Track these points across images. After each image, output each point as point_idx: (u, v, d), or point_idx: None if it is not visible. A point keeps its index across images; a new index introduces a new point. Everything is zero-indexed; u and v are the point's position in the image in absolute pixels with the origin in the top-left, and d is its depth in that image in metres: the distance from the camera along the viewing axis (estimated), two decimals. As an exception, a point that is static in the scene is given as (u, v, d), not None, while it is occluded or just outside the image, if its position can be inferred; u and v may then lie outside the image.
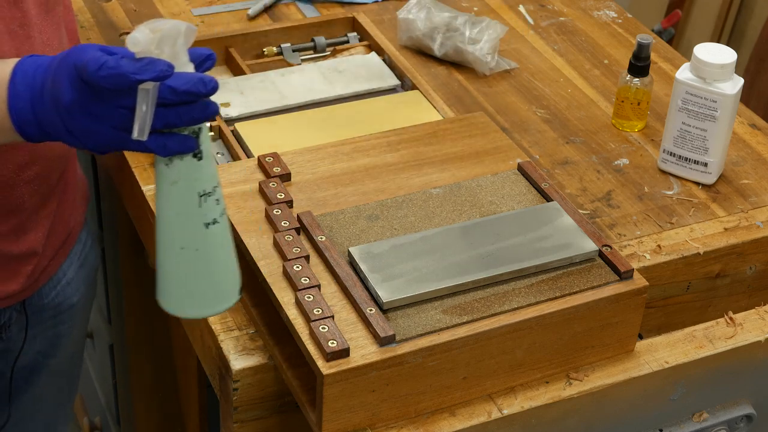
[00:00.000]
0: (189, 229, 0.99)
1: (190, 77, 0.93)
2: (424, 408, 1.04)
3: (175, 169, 0.97)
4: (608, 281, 1.08)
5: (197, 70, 0.95)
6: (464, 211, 1.15)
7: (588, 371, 1.09)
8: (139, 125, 0.93)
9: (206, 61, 0.96)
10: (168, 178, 0.97)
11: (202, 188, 0.98)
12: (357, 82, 1.43)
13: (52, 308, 1.36)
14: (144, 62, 0.92)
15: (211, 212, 0.99)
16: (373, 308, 1.02)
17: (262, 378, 1.10)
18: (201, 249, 1.00)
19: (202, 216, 0.99)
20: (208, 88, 0.93)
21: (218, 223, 1.00)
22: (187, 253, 1.00)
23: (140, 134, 0.94)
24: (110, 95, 0.94)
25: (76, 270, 1.39)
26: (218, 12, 1.65)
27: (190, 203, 0.98)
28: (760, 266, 1.33)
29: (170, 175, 0.97)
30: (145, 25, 0.92)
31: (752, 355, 1.15)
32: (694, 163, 1.35)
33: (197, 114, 0.95)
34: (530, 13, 1.69)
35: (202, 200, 0.99)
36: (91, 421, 2.07)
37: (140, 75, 0.91)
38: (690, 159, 1.35)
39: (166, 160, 0.96)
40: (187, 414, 1.58)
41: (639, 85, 1.43)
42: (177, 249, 1.00)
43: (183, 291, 1.02)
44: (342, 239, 1.11)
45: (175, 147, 0.95)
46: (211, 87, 0.93)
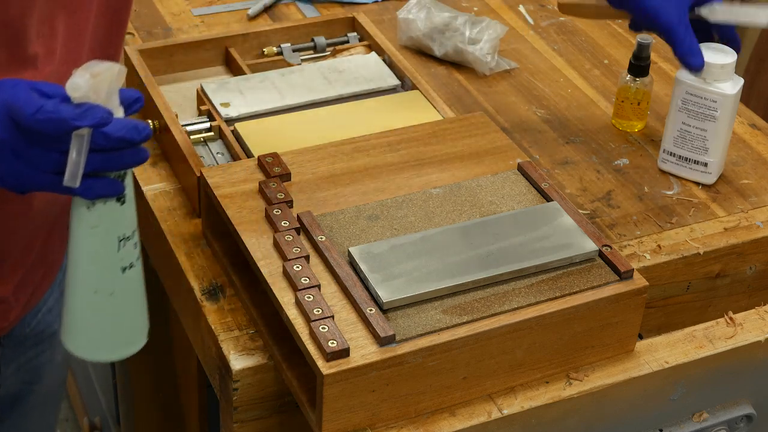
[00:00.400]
0: (105, 273, 0.98)
1: (124, 124, 0.92)
2: (424, 408, 1.04)
3: (96, 212, 0.96)
4: (608, 281, 1.08)
5: (126, 113, 0.94)
6: (464, 211, 1.15)
7: (588, 371, 1.09)
8: (72, 171, 0.92)
9: (135, 104, 0.95)
10: (88, 221, 0.96)
11: (122, 232, 0.98)
12: (357, 82, 1.43)
13: (33, 336, 1.33)
14: (83, 108, 0.90)
15: (128, 256, 0.99)
16: (373, 308, 1.02)
17: (262, 378, 1.10)
18: (115, 293, 0.99)
19: (119, 260, 0.98)
20: (141, 136, 0.92)
21: (134, 267, 1.00)
22: (100, 296, 0.99)
23: (72, 181, 0.92)
24: (44, 139, 0.92)
25: (57, 297, 1.35)
26: (218, 12, 1.65)
27: (109, 247, 0.97)
28: (760, 266, 1.33)
29: (90, 218, 0.96)
30: (85, 69, 0.91)
31: (752, 355, 1.15)
32: (694, 163, 1.35)
33: (128, 160, 0.94)
34: (530, 13, 1.69)
35: (121, 244, 0.98)
36: (91, 421, 2.07)
37: (79, 121, 0.90)
38: (690, 159, 1.35)
39: (88, 203, 0.95)
40: (187, 414, 1.58)
41: (639, 85, 1.43)
42: (90, 292, 0.99)
43: (92, 334, 1.01)
44: (342, 239, 1.11)
45: (101, 191, 0.94)
46: (145, 135, 0.92)
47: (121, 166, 0.94)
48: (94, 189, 0.93)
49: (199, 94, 1.40)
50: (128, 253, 0.99)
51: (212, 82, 1.41)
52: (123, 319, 1.02)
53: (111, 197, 0.95)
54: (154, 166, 1.34)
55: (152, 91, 1.36)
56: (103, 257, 0.98)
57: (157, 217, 1.27)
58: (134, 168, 0.96)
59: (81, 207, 0.95)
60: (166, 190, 1.31)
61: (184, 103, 1.43)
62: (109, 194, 0.95)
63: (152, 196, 1.30)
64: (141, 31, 1.59)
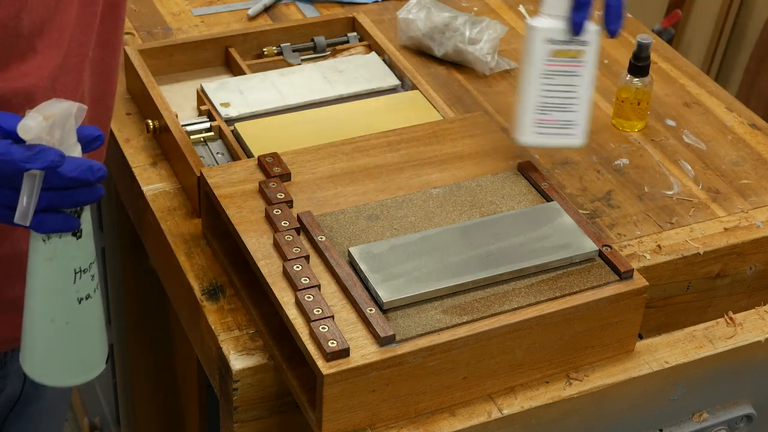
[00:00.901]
0: (61, 303, 0.99)
1: (79, 164, 0.93)
2: (424, 408, 1.04)
3: (51, 245, 0.96)
4: (608, 281, 1.08)
5: (84, 150, 0.94)
6: (464, 211, 1.15)
7: (588, 371, 1.09)
8: (23, 210, 0.92)
9: (94, 142, 0.96)
10: (44, 253, 0.97)
11: (78, 265, 0.98)
12: (357, 82, 1.43)
13: None
14: (35, 150, 0.91)
15: (84, 288, 0.99)
16: (373, 308, 1.02)
17: (262, 378, 1.10)
18: (71, 323, 1.00)
19: (75, 292, 0.99)
20: (96, 176, 0.93)
21: (91, 298, 1.00)
22: (57, 325, 0.99)
23: (23, 219, 0.92)
24: None
25: None
26: (218, 12, 1.65)
27: (65, 279, 0.98)
28: (760, 266, 1.33)
29: (47, 251, 0.96)
30: (38, 111, 0.91)
31: (752, 355, 1.15)
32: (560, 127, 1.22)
33: (83, 198, 0.95)
34: (530, 13, 1.69)
35: (77, 276, 0.98)
36: (91, 421, 2.07)
37: (30, 164, 0.91)
38: (558, 121, 1.21)
39: (43, 236, 0.96)
40: (187, 414, 1.58)
41: (639, 85, 1.43)
42: (47, 321, 0.99)
43: (50, 361, 1.02)
44: (342, 239, 1.11)
45: (55, 226, 0.94)
46: (99, 176, 0.93)
47: (74, 203, 0.95)
48: (47, 224, 0.94)
49: (199, 94, 1.40)
50: (85, 284, 0.99)
51: (212, 82, 1.41)
52: (80, 347, 1.03)
53: (65, 232, 0.96)
54: (154, 166, 1.34)
55: (152, 91, 1.36)
56: (58, 288, 0.98)
57: (157, 217, 1.27)
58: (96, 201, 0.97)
59: (37, 239, 0.96)
60: (166, 190, 1.31)
61: (184, 103, 1.43)
62: (63, 230, 0.95)
63: (152, 196, 1.30)
64: (141, 31, 1.59)
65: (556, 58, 1.16)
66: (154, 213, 1.28)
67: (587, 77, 1.17)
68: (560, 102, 1.18)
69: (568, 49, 1.16)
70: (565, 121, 1.18)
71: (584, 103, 1.18)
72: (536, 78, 1.17)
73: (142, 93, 1.39)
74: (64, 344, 1.01)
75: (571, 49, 1.16)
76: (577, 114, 1.19)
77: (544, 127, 1.19)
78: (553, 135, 1.19)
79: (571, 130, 1.19)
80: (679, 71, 1.58)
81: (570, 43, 1.16)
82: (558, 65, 1.16)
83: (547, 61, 1.16)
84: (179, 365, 1.57)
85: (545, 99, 1.18)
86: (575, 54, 1.16)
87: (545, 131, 1.19)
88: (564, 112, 1.18)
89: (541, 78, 1.17)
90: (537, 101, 1.18)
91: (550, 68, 1.17)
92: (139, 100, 1.42)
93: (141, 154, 1.36)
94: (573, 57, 1.16)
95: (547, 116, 1.18)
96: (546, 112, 1.18)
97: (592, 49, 1.16)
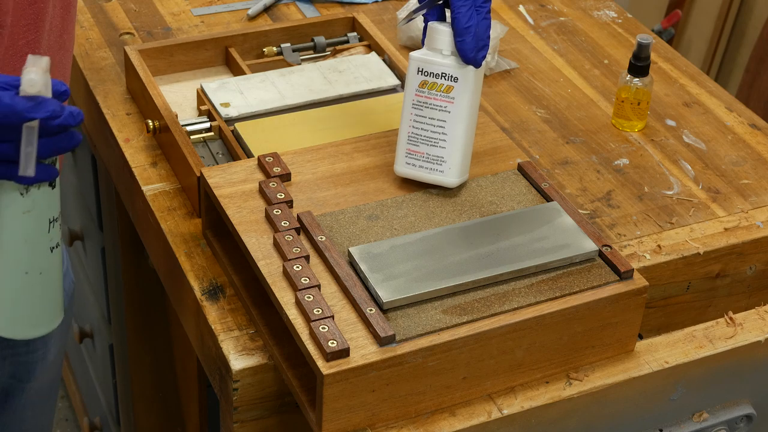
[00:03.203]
0: (37, 254, 1.02)
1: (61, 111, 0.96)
2: (424, 408, 1.04)
3: (30, 198, 0.99)
4: (608, 281, 1.08)
5: None
6: (464, 211, 1.15)
7: (588, 371, 1.09)
8: (27, 162, 0.95)
9: (63, 96, 0.98)
10: (22, 206, 0.99)
11: (52, 215, 1.02)
12: (357, 82, 1.43)
13: None
14: (37, 101, 0.94)
15: (55, 237, 1.03)
16: (373, 308, 1.02)
17: (262, 378, 1.10)
18: (45, 272, 1.03)
19: (48, 241, 1.02)
20: (77, 121, 0.96)
21: (59, 247, 1.04)
22: (31, 277, 1.03)
23: (27, 170, 0.95)
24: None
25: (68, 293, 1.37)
26: (218, 12, 1.65)
27: (41, 229, 1.01)
28: (760, 266, 1.33)
29: (25, 203, 0.99)
30: (33, 65, 0.94)
31: (752, 355, 1.15)
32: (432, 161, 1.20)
33: (64, 145, 0.97)
34: (530, 13, 1.69)
35: (51, 226, 1.02)
36: (91, 421, 2.07)
37: (34, 114, 0.93)
38: (429, 155, 1.19)
39: (22, 190, 0.99)
40: (187, 414, 1.58)
41: (639, 85, 1.43)
42: (21, 273, 1.02)
43: (21, 313, 1.05)
44: (342, 239, 1.11)
45: (40, 176, 0.97)
46: (79, 120, 0.96)
47: (56, 151, 0.98)
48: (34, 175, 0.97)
49: (199, 94, 1.40)
50: (56, 233, 1.03)
51: (212, 82, 1.41)
52: (50, 295, 1.06)
53: (46, 182, 0.99)
54: (154, 166, 1.34)
55: (152, 91, 1.36)
56: (35, 239, 1.02)
57: (157, 217, 1.27)
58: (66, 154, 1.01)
59: (13, 192, 0.99)
60: (166, 190, 1.31)
61: (184, 103, 1.43)
62: (46, 179, 0.98)
63: (152, 196, 1.30)
64: (141, 31, 1.59)
65: (425, 90, 1.16)
66: (154, 213, 1.28)
67: (458, 114, 1.15)
68: (429, 135, 1.17)
69: (438, 83, 1.15)
70: (434, 156, 1.17)
71: (455, 141, 1.16)
72: (408, 107, 1.17)
73: (142, 93, 1.39)
74: (36, 295, 1.05)
75: (442, 83, 1.15)
76: (447, 151, 1.17)
77: (414, 158, 1.18)
78: (423, 169, 1.18)
79: (440, 167, 1.17)
80: (679, 71, 1.58)
81: (440, 77, 1.15)
82: (428, 98, 1.16)
83: (417, 92, 1.16)
84: (179, 365, 1.57)
85: (414, 130, 1.17)
86: (446, 89, 1.15)
87: (415, 163, 1.18)
88: (433, 147, 1.17)
89: (412, 108, 1.17)
90: (408, 132, 1.18)
91: (420, 100, 1.16)
92: (139, 100, 1.42)
93: (141, 154, 1.36)
94: (443, 92, 1.15)
95: (416, 148, 1.18)
96: (416, 143, 1.18)
97: (465, 86, 1.14)
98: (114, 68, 1.50)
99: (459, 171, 1.17)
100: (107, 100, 1.45)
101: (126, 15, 1.62)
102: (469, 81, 1.14)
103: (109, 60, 1.52)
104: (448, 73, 1.15)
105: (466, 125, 1.16)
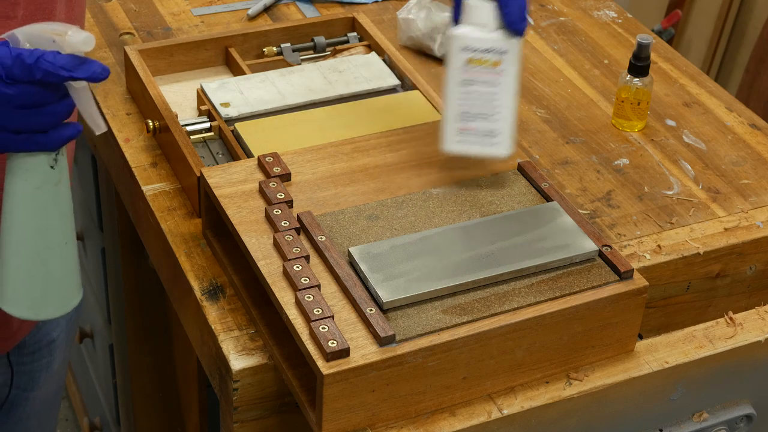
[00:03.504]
0: (69, 224, 1.04)
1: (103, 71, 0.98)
2: (424, 408, 1.04)
3: (58, 167, 1.01)
4: (608, 281, 1.08)
5: None
6: (464, 211, 1.15)
7: (588, 371, 1.09)
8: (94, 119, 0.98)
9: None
10: (53, 179, 1.01)
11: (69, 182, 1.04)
12: (357, 82, 1.43)
13: (31, 344, 1.34)
14: (82, 60, 0.96)
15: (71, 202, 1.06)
16: (373, 308, 1.02)
17: (262, 378, 1.10)
18: (69, 242, 1.04)
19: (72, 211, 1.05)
20: (105, 75, 0.98)
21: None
22: (69, 247, 1.04)
23: (100, 126, 0.98)
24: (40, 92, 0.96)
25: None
26: (218, 12, 1.65)
27: (69, 198, 1.03)
28: (760, 266, 1.33)
29: (55, 175, 1.01)
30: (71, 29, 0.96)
31: (752, 355, 1.15)
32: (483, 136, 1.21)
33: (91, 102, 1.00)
34: (530, 13, 1.69)
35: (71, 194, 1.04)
36: (91, 421, 2.07)
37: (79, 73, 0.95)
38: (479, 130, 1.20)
39: (51, 161, 1.00)
40: (187, 414, 1.58)
41: (639, 85, 1.43)
42: (61, 245, 1.03)
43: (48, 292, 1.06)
44: (342, 239, 1.11)
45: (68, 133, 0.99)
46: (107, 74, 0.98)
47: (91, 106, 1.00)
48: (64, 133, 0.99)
49: (199, 94, 1.40)
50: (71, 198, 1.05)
51: (212, 82, 1.41)
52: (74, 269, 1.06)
53: (75, 137, 1.00)
54: (154, 166, 1.34)
55: (152, 91, 1.36)
56: (69, 210, 1.03)
57: (157, 217, 1.27)
58: None
59: (45, 167, 1.00)
60: (166, 190, 1.31)
61: (184, 103, 1.43)
62: (74, 136, 1.00)
63: (152, 196, 1.30)
64: (141, 31, 1.59)
65: (473, 66, 1.15)
66: (154, 213, 1.28)
67: (507, 87, 1.16)
68: (481, 111, 1.17)
69: (486, 58, 1.15)
70: (487, 130, 1.18)
71: (507, 113, 1.17)
72: (455, 86, 1.17)
73: (142, 93, 1.39)
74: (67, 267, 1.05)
75: (489, 58, 1.15)
76: (500, 123, 1.17)
77: (467, 135, 1.18)
78: (476, 144, 1.18)
79: (494, 139, 1.18)
80: (679, 71, 1.58)
81: (488, 52, 1.15)
82: (476, 74, 1.16)
83: (464, 70, 1.16)
84: (179, 365, 1.57)
85: (465, 108, 1.17)
86: (494, 63, 1.15)
87: (468, 140, 1.18)
88: (485, 122, 1.17)
89: (459, 87, 1.17)
90: (457, 110, 1.18)
91: (467, 77, 1.16)
92: (139, 100, 1.42)
93: (141, 154, 1.36)
94: (492, 66, 1.15)
95: (468, 125, 1.18)
96: (467, 121, 1.18)
97: (512, 58, 1.15)
98: (114, 68, 1.50)
99: (510, 142, 1.18)
100: (107, 100, 1.45)
101: (126, 15, 1.62)
102: (515, 52, 1.15)
103: (109, 60, 1.52)
104: (495, 48, 1.15)
105: (514, 96, 1.17)
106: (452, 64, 1.16)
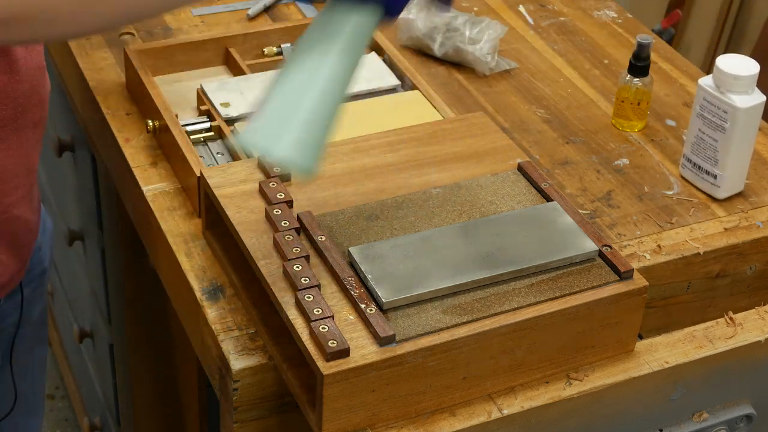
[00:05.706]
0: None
1: None
2: (424, 408, 1.04)
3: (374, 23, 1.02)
4: (608, 281, 1.08)
5: None
6: (464, 211, 1.15)
7: (588, 371, 1.09)
8: None
9: None
10: (369, 34, 1.02)
11: None
12: (357, 82, 1.43)
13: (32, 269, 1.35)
14: None
15: None
16: (373, 308, 1.02)
17: (262, 378, 1.10)
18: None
19: None
20: None
21: None
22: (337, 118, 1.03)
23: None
24: None
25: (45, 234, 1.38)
26: (218, 12, 1.65)
27: None
28: (760, 266, 1.33)
29: (366, 42, 1.03)
30: None
31: (752, 355, 1.15)
32: (705, 173, 1.34)
33: None
34: (530, 13, 1.69)
35: None
36: (91, 421, 2.07)
37: None
38: (702, 168, 1.34)
39: (375, 21, 1.01)
40: (187, 414, 1.58)
41: (639, 85, 1.43)
42: (337, 112, 1.02)
43: (322, 149, 1.01)
44: (342, 239, 1.11)
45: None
46: None
47: None
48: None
49: (199, 94, 1.40)
50: None
51: (212, 82, 1.41)
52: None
53: None
54: (154, 166, 1.34)
55: (152, 91, 1.36)
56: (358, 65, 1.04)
57: (157, 217, 1.27)
58: None
59: (367, 27, 1.02)
60: (166, 190, 1.31)
61: (184, 103, 1.43)
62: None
63: (152, 196, 1.30)
64: (141, 31, 1.59)
65: None
66: (154, 213, 1.28)
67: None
68: None
69: None
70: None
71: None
72: None
73: (142, 93, 1.39)
74: (331, 133, 1.03)
75: None
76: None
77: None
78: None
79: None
80: (679, 71, 1.58)
81: None
82: None
83: None
84: (179, 365, 1.57)
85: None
86: None
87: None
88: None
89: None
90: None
91: None
92: (139, 100, 1.42)
93: (141, 154, 1.36)
94: None
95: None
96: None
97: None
98: (114, 68, 1.50)
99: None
100: (107, 100, 1.45)
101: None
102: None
103: (109, 60, 1.52)
104: None
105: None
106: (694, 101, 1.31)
